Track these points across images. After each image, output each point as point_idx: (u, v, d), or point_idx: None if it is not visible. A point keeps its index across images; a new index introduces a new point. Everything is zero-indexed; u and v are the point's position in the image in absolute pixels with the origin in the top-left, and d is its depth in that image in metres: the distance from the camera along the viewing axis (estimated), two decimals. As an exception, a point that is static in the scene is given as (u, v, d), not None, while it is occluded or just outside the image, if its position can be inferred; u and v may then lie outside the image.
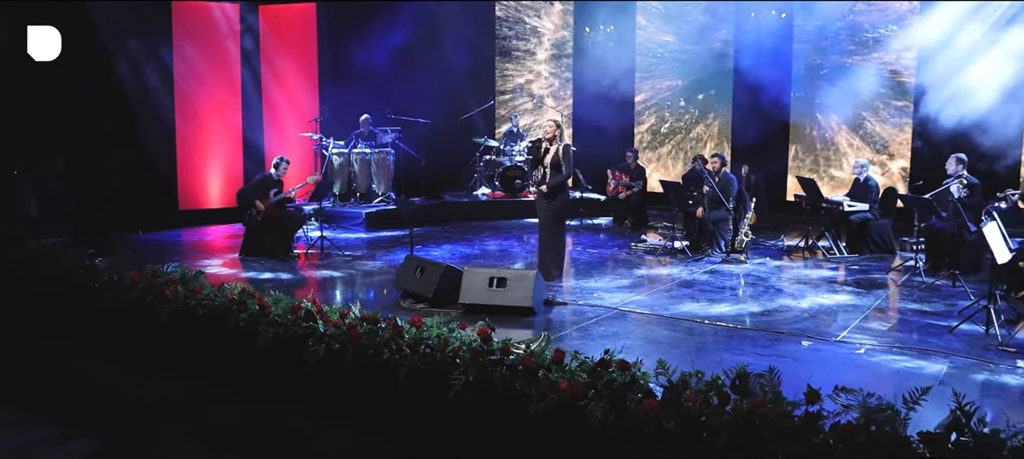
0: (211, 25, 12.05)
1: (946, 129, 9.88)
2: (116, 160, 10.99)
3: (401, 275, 7.07)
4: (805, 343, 5.67)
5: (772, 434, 3.70)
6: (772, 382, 3.94)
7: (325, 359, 5.32)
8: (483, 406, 4.56)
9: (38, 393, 5.69)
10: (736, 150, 12.12)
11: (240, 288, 6.27)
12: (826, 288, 7.51)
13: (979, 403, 3.60)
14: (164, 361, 6.25)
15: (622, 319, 6.40)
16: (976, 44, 9.96)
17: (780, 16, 11.78)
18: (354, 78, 12.41)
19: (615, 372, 4.28)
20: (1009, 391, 4.71)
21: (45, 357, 6.50)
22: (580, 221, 11.30)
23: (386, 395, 5.01)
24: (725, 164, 9.30)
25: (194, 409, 5.42)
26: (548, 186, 7.52)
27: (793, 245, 9.54)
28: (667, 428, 3.93)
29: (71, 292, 7.18)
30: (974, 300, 6.13)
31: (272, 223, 9.05)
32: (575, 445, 4.21)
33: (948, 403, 3.52)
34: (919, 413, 3.64)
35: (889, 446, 3.46)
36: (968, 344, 5.60)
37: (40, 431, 4.98)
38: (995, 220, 5.78)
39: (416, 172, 12.42)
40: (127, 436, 4.96)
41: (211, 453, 4.82)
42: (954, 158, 7.84)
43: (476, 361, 4.68)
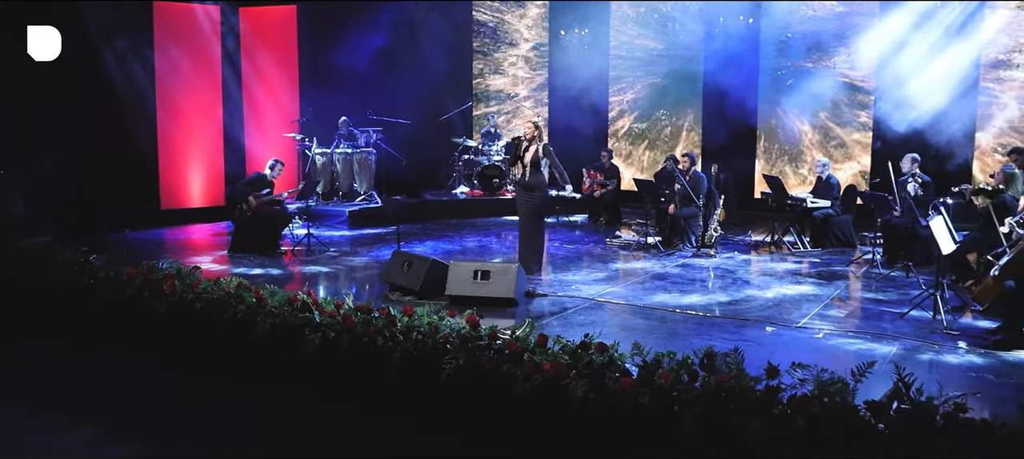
0: (193, 26, 12.24)
1: (902, 130, 10.42)
2: (99, 159, 11.13)
3: (389, 269, 7.41)
4: (769, 329, 6.12)
5: (737, 406, 4.11)
6: (737, 360, 4.35)
7: (321, 347, 5.64)
8: (472, 387, 4.92)
9: (43, 387, 5.94)
10: (706, 150, 12.58)
11: (236, 282, 6.56)
12: (790, 280, 7.97)
13: (923, 379, 4.02)
14: (161, 355, 6.52)
15: (599, 309, 6.80)
16: (930, 48, 10.51)
17: (747, 21, 12.26)
18: (335, 79, 12.68)
19: (594, 354, 4.67)
20: (950, 368, 5.17)
21: (44, 352, 6.74)
22: (557, 218, 11.69)
23: (381, 380, 5.35)
24: (694, 163, 9.73)
25: (193, 401, 5.70)
26: (529, 182, 7.91)
27: (760, 240, 10.00)
28: (642, 403, 4.32)
29: (68, 289, 7.42)
30: (924, 289, 6.59)
31: (260, 221, 9.34)
32: (558, 421, 4.59)
33: (893, 378, 3.95)
34: (868, 387, 4.06)
35: (839, 414, 3.88)
36: (917, 328, 6.07)
37: (48, 418, 5.26)
38: (942, 214, 6.26)
39: (397, 171, 12.74)
40: (127, 426, 5.24)
41: (213, 442, 5.11)
42: (909, 157, 8.34)
43: (465, 346, 5.04)
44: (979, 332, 5.90)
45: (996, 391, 4.70)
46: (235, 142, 12.62)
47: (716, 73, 12.30)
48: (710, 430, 4.14)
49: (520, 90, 14.63)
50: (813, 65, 11.81)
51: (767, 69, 12.21)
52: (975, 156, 10.60)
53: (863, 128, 11.58)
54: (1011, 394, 4.60)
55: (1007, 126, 10.48)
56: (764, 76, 12.24)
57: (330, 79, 12.76)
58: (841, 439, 3.82)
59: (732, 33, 12.22)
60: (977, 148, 10.62)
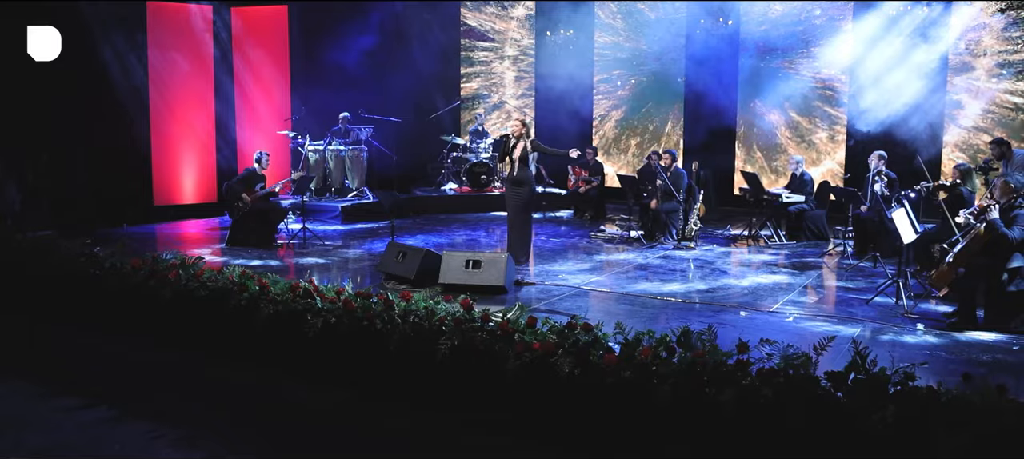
0: (186, 25, 12.49)
1: (874, 128, 10.89)
2: (93, 156, 11.37)
3: (384, 259, 7.77)
4: (743, 313, 6.52)
5: (710, 378, 4.50)
6: (710, 338, 4.74)
7: (323, 331, 5.99)
8: (467, 366, 5.29)
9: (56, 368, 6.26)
10: (687, 148, 13.00)
11: (240, 271, 6.90)
12: (765, 270, 8.40)
13: (882, 357, 4.41)
14: (167, 339, 6.84)
15: (584, 296, 7.19)
16: (900, 49, 10.97)
17: (727, 23, 12.69)
18: (326, 78, 12.98)
19: (580, 333, 5.05)
20: (907, 347, 5.59)
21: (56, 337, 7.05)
22: (543, 214, 12.06)
23: (379, 361, 5.71)
24: (675, 160, 10.14)
25: (199, 382, 6.04)
26: (517, 177, 8.28)
27: (738, 234, 10.42)
28: (624, 377, 4.71)
29: (76, 280, 7.72)
30: (889, 278, 7.02)
31: (257, 215, 9.66)
32: (547, 395, 4.97)
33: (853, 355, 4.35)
34: (831, 362, 4.46)
35: (802, 383, 4.28)
36: (881, 312, 6.50)
37: (64, 401, 5.58)
38: (904, 207, 6.69)
39: (387, 168, 13.08)
40: (138, 401, 5.58)
41: (219, 418, 5.46)
42: (876, 154, 8.79)
43: (460, 328, 5.40)
44: (938, 316, 6.33)
45: (946, 366, 5.12)
46: (227, 139, 12.90)
47: (696, 73, 12.73)
48: (686, 400, 4.54)
49: (507, 89, 14.99)
50: (789, 66, 12.25)
51: (745, 69, 12.65)
52: (944, 153, 11.06)
53: (837, 126, 12.03)
54: (959, 368, 5.01)
55: (971, 125, 10.95)
56: (743, 76, 12.67)
57: (321, 78, 13.06)
58: (804, 406, 4.22)
59: (712, 35, 12.65)
60: (945, 144, 11.09)
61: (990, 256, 5.87)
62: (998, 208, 5.92)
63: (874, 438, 4.00)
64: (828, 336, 4.48)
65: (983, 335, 5.84)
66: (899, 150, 10.52)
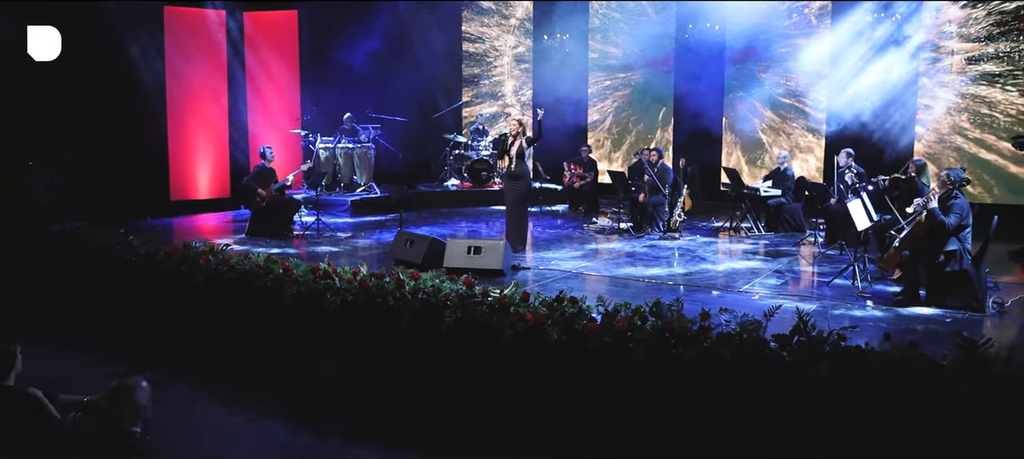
0: (200, 28, 13.19)
1: (850, 126, 11.67)
2: (114, 153, 12.04)
3: (394, 247, 8.55)
4: (715, 293, 7.29)
5: (677, 341, 5.28)
6: (678, 308, 5.52)
7: (341, 308, 6.76)
8: (468, 336, 6.06)
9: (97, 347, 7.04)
10: (677, 145, 13.76)
11: (265, 256, 7.67)
12: (742, 257, 9.16)
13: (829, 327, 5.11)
14: (200, 322, 7.61)
15: (574, 278, 7.96)
16: (875, 51, 11.74)
17: (715, 28, 13.44)
18: (335, 79, 13.73)
19: (567, 306, 5.82)
20: (854, 319, 6.32)
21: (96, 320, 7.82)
22: (540, 208, 12.81)
23: (392, 334, 6.47)
24: (661, 157, 10.90)
25: (230, 357, 6.82)
26: (515, 172, 9.05)
27: (721, 225, 11.17)
28: (605, 342, 5.48)
29: (112, 267, 8.49)
30: (849, 263, 7.78)
31: (273, 208, 10.43)
32: (538, 360, 5.73)
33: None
34: (782, 328, 5.18)
35: (753, 344, 5.05)
36: (838, 292, 7.27)
37: (112, 368, 6.35)
38: (860, 198, 7.46)
39: (393, 165, 13.85)
40: (178, 371, 6.33)
41: (256, 386, 6.22)
42: (844, 152, 9.54)
43: (463, 303, 6.18)
44: (888, 295, 7.09)
45: (879, 331, 5.85)
46: (239, 137, 13.61)
47: (685, 76, 13.49)
48: (657, 361, 5.30)
49: (506, 90, 15.74)
50: (770, 68, 13.00)
51: (730, 72, 13.40)
52: (916, 148, 11.80)
53: (815, 124, 12.78)
54: (886, 331, 5.73)
55: (943, 119, 11.70)
56: (728, 78, 13.43)
57: (330, 78, 13.80)
58: (755, 362, 4.99)
59: (701, 39, 13.40)
60: (918, 139, 11.83)
61: (930, 241, 6.63)
62: (937, 198, 6.68)
63: (813, 388, 4.77)
64: (776, 305, 5.25)
65: (923, 310, 6.60)
66: (873, 147, 11.29)
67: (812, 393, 4.74)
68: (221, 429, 5.46)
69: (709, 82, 13.25)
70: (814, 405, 4.70)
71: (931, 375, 4.56)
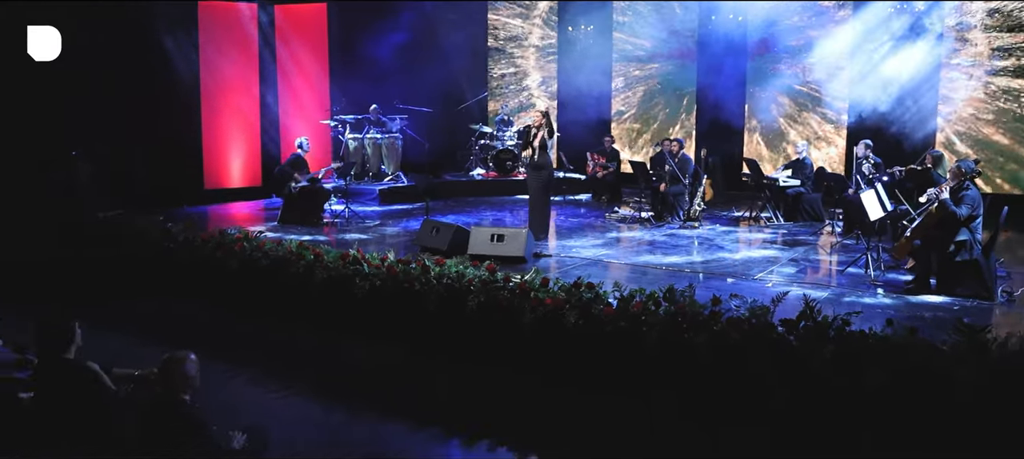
0: (233, 23, 13.49)
1: (871, 117, 11.76)
2: (150, 144, 12.41)
3: (421, 234, 8.86)
4: (729, 280, 7.50)
5: (689, 326, 5.53)
6: (690, 294, 5.76)
7: (370, 293, 7.09)
8: (491, 319, 6.36)
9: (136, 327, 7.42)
10: (699, 136, 13.92)
11: (297, 243, 8.02)
12: (759, 246, 9.35)
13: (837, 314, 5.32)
14: (235, 308, 7.98)
15: (594, 265, 8.21)
16: (897, 40, 11.81)
17: (738, 19, 13.56)
18: (363, 71, 14.05)
19: (584, 291, 6.09)
20: (864, 306, 6.51)
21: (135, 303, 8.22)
22: (563, 197, 13.05)
23: (418, 317, 6.79)
24: (682, 147, 11.09)
25: (264, 338, 7.18)
26: (538, 162, 9.32)
27: (741, 215, 11.35)
28: (620, 326, 5.74)
29: (151, 252, 8.90)
30: (863, 252, 7.95)
31: (305, 197, 10.79)
32: (557, 343, 6.01)
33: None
34: (792, 314, 5.40)
35: (761, 328, 5.29)
36: (851, 280, 7.45)
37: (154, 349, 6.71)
38: (874, 189, 7.62)
39: (419, 154, 14.17)
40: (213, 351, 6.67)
41: (287, 366, 6.56)
42: (862, 143, 9.67)
43: (486, 287, 6.48)
44: (900, 284, 7.26)
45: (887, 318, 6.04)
46: (270, 128, 13.96)
47: (708, 66, 13.63)
48: (670, 344, 5.56)
49: (531, 82, 15.98)
50: (793, 59, 13.10)
51: (753, 63, 13.52)
52: (938, 139, 11.88)
53: (837, 114, 12.87)
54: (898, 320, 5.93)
55: (963, 108, 11.75)
56: (750, 69, 13.55)
57: (359, 70, 14.12)
58: (763, 345, 5.22)
59: (722, 30, 13.52)
60: (939, 130, 11.90)
61: (941, 231, 6.80)
62: (949, 189, 6.83)
63: (818, 370, 5.00)
64: (783, 291, 5.47)
65: (932, 298, 6.77)
66: (894, 137, 11.38)
67: (817, 374, 4.98)
68: (256, 406, 5.81)
69: (731, 73, 13.38)
70: (819, 385, 4.94)
71: (932, 359, 4.77)
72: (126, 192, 11.65)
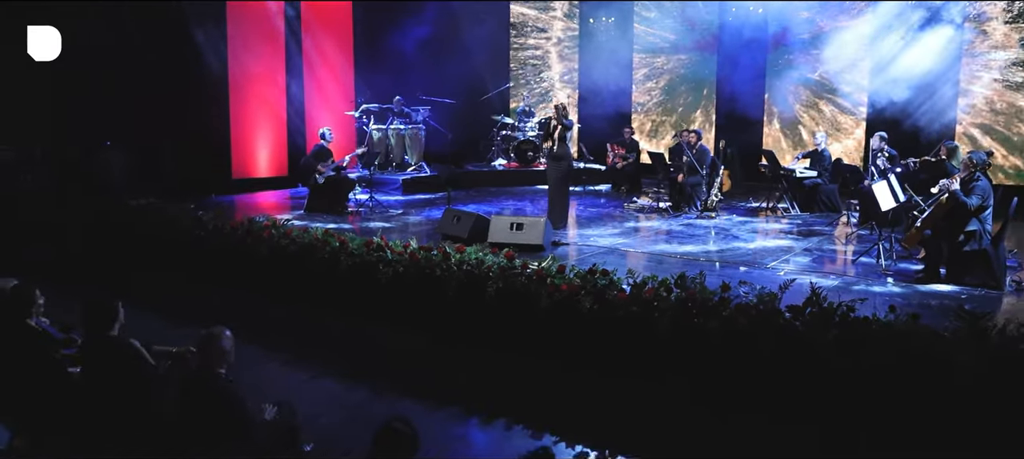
0: (261, 18, 13.80)
1: (890, 108, 11.84)
2: (180, 135, 12.76)
3: (442, 222, 9.12)
4: (742, 268, 7.68)
5: (699, 311, 5.73)
6: (701, 280, 5.96)
7: (393, 279, 7.34)
8: (509, 304, 6.58)
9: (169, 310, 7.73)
10: (719, 127, 14.05)
11: (322, 230, 8.30)
12: (774, 236, 9.51)
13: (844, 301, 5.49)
14: (263, 290, 8.27)
15: (611, 253, 8.42)
16: (917, 33, 11.86)
17: (757, 11, 13.66)
18: (387, 63, 14.34)
19: (599, 277, 6.30)
20: (872, 294, 6.68)
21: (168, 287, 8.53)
22: (583, 188, 13.25)
23: (439, 302, 7.03)
24: (700, 139, 11.25)
25: (302, 326, 7.46)
26: (557, 153, 9.55)
27: (759, 206, 11.48)
28: (632, 311, 5.95)
29: (182, 239, 9.22)
30: (875, 242, 8.08)
31: (330, 186, 11.09)
32: (572, 326, 6.23)
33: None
34: (797, 300, 5.59)
35: (768, 314, 5.47)
36: (863, 269, 7.61)
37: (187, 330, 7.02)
38: (887, 180, 7.75)
39: (442, 145, 14.44)
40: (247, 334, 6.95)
41: (316, 350, 6.83)
42: (877, 135, 9.77)
43: (504, 274, 6.70)
44: (911, 273, 7.40)
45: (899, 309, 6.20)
46: (296, 119, 14.28)
47: (728, 58, 13.76)
48: (681, 329, 5.76)
49: (553, 73, 16.18)
50: (813, 51, 13.18)
51: (773, 55, 13.62)
52: (957, 131, 11.92)
53: (857, 106, 12.95)
54: (910, 310, 6.10)
55: (982, 103, 11.79)
56: (770, 61, 13.65)
57: (383, 63, 14.41)
58: (770, 331, 5.41)
59: (743, 22, 13.63)
60: (958, 122, 11.95)
61: (951, 221, 6.93)
62: (960, 180, 6.96)
63: (822, 354, 5.18)
64: (791, 279, 5.65)
65: (942, 287, 6.91)
66: (912, 129, 11.45)
67: (822, 357, 5.16)
68: (282, 384, 6.09)
69: (751, 64, 13.50)
70: (823, 367, 5.13)
71: (932, 344, 4.93)
72: (157, 182, 12.06)
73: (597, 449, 4.89)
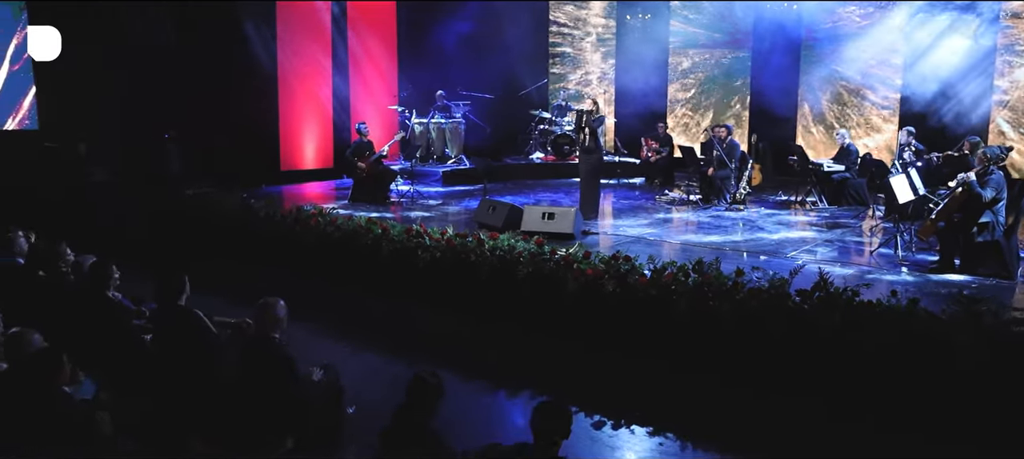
0: (308, 17, 14.41)
1: (920, 103, 12.01)
2: (231, 129, 13.40)
3: (478, 212, 9.61)
4: (762, 257, 8.02)
5: (714, 294, 6.11)
6: (716, 266, 6.34)
7: (430, 263, 7.84)
8: (538, 287, 7.03)
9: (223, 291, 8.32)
10: (752, 122, 14.30)
11: (366, 218, 8.83)
12: (798, 227, 9.80)
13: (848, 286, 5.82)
14: (311, 273, 8.81)
15: (638, 242, 8.81)
16: (950, 31, 11.99)
17: (792, 7, 13.88)
18: (429, 59, 14.86)
19: (622, 263, 6.72)
20: (885, 282, 6.97)
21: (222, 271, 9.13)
22: (618, 180, 13.62)
23: (472, 285, 7.51)
24: (731, 133, 11.55)
25: (348, 307, 7.98)
26: (589, 146, 9.98)
27: (787, 199, 11.75)
28: (652, 294, 6.36)
29: (237, 225, 9.83)
30: (893, 234, 8.34)
31: (373, 178, 11.66)
32: (596, 308, 6.66)
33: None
34: (807, 286, 5.93)
35: (779, 298, 5.84)
36: (880, 260, 7.89)
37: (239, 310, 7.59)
38: (907, 174, 8.02)
39: (481, 139, 14.93)
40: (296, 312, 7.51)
41: (360, 326, 7.34)
42: (905, 130, 9.99)
43: (534, 260, 7.15)
44: (927, 264, 7.66)
45: (906, 294, 6.49)
46: (343, 113, 14.88)
47: (762, 54, 14.00)
48: (697, 312, 6.15)
49: (590, 69, 16.56)
50: (846, 47, 13.36)
51: (806, 51, 13.82)
52: (990, 129, 12.03)
53: (890, 101, 13.09)
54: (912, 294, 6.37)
55: (1016, 100, 11.88)
56: (804, 57, 13.86)
57: (425, 59, 14.94)
58: (780, 313, 5.78)
59: (777, 18, 13.86)
60: (991, 119, 12.05)
61: (965, 212, 7.18)
62: (975, 173, 7.21)
63: (828, 336, 5.54)
64: (800, 264, 6.00)
65: (954, 277, 7.18)
66: (945, 123, 11.61)
67: (829, 339, 5.52)
68: (327, 356, 6.59)
69: (784, 60, 13.73)
70: (828, 346, 5.49)
71: (931, 326, 5.27)
72: (211, 173, 12.72)
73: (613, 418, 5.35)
